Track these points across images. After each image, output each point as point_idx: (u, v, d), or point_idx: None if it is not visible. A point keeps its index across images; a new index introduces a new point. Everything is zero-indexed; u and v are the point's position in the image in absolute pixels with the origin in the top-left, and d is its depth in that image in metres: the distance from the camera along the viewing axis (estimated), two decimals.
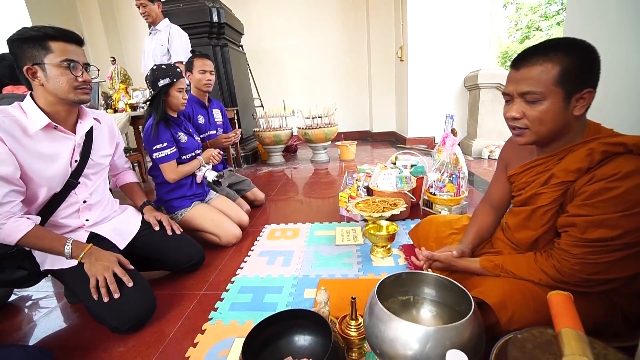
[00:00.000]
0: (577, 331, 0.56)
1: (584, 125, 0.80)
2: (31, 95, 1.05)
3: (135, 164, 3.33)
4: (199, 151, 1.78)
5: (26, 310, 1.31)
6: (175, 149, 1.60)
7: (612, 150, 0.72)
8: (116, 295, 1.04)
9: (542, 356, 0.61)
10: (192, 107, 2.08)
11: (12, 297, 1.38)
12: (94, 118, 1.22)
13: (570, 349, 0.54)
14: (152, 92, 1.57)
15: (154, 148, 1.55)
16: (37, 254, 1.13)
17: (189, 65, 2.09)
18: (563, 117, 0.76)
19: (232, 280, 1.37)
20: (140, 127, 3.23)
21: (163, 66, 1.57)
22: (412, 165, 2.08)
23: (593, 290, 0.79)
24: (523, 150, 0.95)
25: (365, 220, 1.61)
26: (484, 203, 1.14)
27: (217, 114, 2.28)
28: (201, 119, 2.12)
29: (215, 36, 3.54)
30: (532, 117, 0.78)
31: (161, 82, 1.54)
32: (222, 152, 1.92)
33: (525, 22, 11.41)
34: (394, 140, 4.94)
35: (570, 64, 0.72)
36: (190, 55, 2.13)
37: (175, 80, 1.57)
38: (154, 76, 1.54)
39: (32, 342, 1.12)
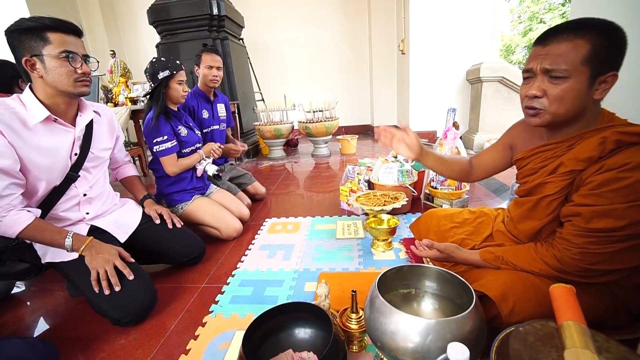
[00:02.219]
0: (580, 324, 0.56)
1: (598, 112, 0.78)
2: (30, 88, 1.04)
3: (135, 158, 3.32)
4: (200, 145, 1.77)
5: (28, 303, 1.32)
6: (176, 142, 1.59)
7: (626, 139, 0.70)
8: (117, 288, 1.04)
9: (544, 349, 0.61)
10: (197, 101, 2.07)
11: (15, 290, 1.39)
12: (94, 111, 1.22)
13: (573, 341, 0.53)
14: (152, 85, 1.56)
15: (154, 141, 1.54)
16: (38, 246, 1.13)
17: (197, 59, 2.06)
18: (584, 98, 0.74)
19: (232, 273, 1.37)
20: (141, 120, 3.22)
21: (162, 58, 1.56)
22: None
23: (593, 281, 0.78)
24: (533, 135, 0.93)
25: (366, 214, 1.61)
26: (468, 158, 1.15)
27: (221, 109, 2.27)
28: (205, 114, 2.11)
29: (215, 29, 3.51)
30: (553, 95, 0.74)
31: (161, 75, 1.53)
32: (222, 146, 1.91)
33: (527, 15, 11.30)
34: None
35: (602, 44, 0.69)
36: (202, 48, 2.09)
37: (175, 72, 1.56)
38: (153, 69, 1.53)
39: (34, 334, 1.12)
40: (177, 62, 1.59)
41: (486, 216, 1.16)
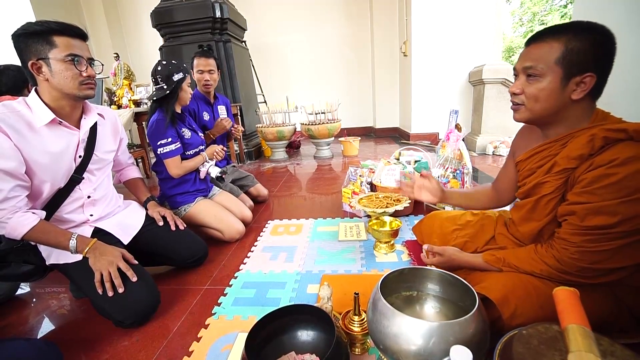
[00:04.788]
0: (584, 327, 0.56)
1: (589, 112, 0.80)
2: (36, 91, 1.05)
3: (139, 160, 3.34)
4: (203, 147, 1.78)
5: (32, 304, 1.32)
6: (180, 145, 1.60)
7: (612, 136, 0.71)
8: (120, 290, 1.05)
9: (548, 352, 0.60)
10: (197, 104, 2.08)
11: (19, 292, 1.40)
12: (98, 114, 1.23)
13: (577, 345, 0.53)
14: (165, 87, 1.55)
15: (159, 143, 1.55)
16: (42, 248, 1.13)
17: (191, 64, 2.07)
18: (558, 98, 0.77)
19: (235, 275, 1.37)
20: (144, 123, 3.23)
21: (173, 61, 1.57)
22: (415, 161, 2.07)
23: (595, 281, 0.78)
24: (531, 138, 0.95)
25: (369, 216, 1.61)
26: (490, 184, 1.18)
27: (221, 110, 2.28)
28: (206, 116, 2.12)
29: (218, 32, 3.53)
30: (529, 93, 0.80)
31: (175, 77, 1.54)
32: (225, 148, 1.92)
33: (528, 17, 11.30)
34: (397, 136, 4.92)
35: (576, 46, 0.72)
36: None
37: (187, 75, 1.58)
38: (167, 71, 1.53)
39: (38, 335, 1.13)
40: (185, 64, 1.61)
41: (488, 219, 1.16)
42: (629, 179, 0.67)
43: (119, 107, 3.22)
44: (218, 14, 3.39)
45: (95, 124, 1.21)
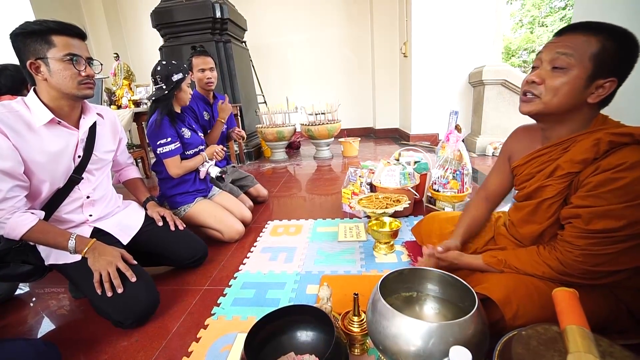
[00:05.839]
0: (583, 328, 0.56)
1: (593, 118, 0.79)
2: (34, 91, 1.05)
3: (138, 160, 3.33)
4: (203, 147, 1.78)
5: (31, 304, 1.32)
6: (179, 144, 1.60)
7: (618, 140, 0.71)
8: (119, 290, 1.05)
9: (547, 353, 0.60)
10: (196, 105, 2.08)
11: (18, 292, 1.39)
12: (97, 113, 1.23)
13: (576, 346, 0.53)
14: (164, 87, 1.56)
15: (158, 143, 1.55)
16: (41, 248, 1.13)
17: (189, 65, 2.07)
18: (577, 97, 0.75)
19: (234, 276, 1.37)
20: (144, 123, 3.23)
21: (173, 61, 1.58)
22: (415, 162, 2.07)
23: (597, 282, 0.78)
24: (528, 142, 0.94)
25: (368, 217, 1.61)
26: (478, 195, 1.14)
27: None
28: (206, 116, 2.12)
29: (218, 32, 3.53)
30: (550, 85, 0.77)
31: (175, 77, 1.54)
32: (225, 149, 1.92)
33: (528, 19, 11.33)
34: (397, 137, 4.92)
35: (609, 46, 0.71)
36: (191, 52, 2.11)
37: (186, 75, 1.59)
38: (167, 71, 1.54)
39: (37, 335, 1.13)
40: (184, 65, 1.61)
41: (488, 219, 1.16)
42: (635, 184, 0.67)
43: (119, 107, 3.22)
44: (218, 15, 3.39)
45: (95, 123, 1.21)
